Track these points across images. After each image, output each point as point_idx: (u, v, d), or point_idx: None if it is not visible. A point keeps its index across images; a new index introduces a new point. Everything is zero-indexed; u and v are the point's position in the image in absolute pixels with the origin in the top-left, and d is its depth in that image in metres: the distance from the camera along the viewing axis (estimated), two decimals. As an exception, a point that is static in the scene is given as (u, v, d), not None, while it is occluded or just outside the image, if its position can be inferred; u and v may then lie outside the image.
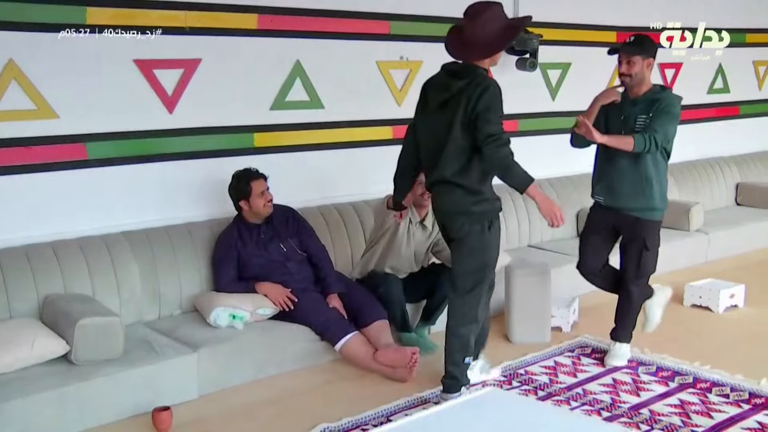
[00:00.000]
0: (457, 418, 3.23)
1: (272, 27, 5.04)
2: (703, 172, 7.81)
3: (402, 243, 4.74)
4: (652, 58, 4.22)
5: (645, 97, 4.22)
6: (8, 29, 4.12)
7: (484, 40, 3.65)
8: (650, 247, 4.32)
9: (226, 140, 4.98)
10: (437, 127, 3.73)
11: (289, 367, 4.36)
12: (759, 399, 3.93)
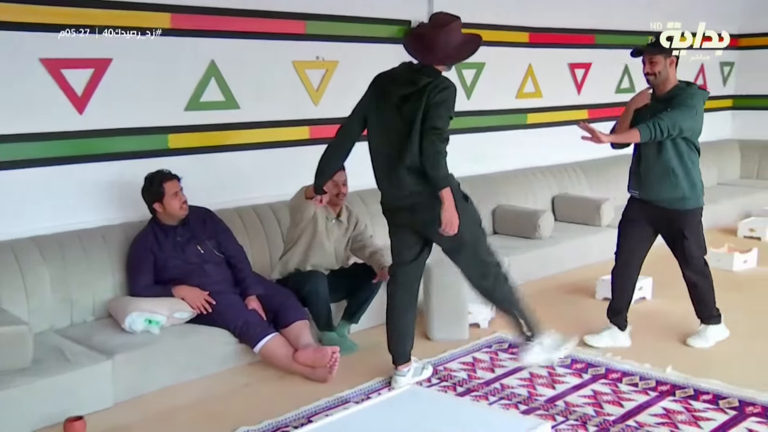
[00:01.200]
0: (378, 417, 3.25)
1: (186, 26, 4.96)
2: (613, 168, 8.03)
3: (323, 239, 4.75)
4: (674, 57, 4.45)
5: (669, 94, 4.42)
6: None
7: (446, 49, 3.88)
8: (689, 236, 4.54)
9: (139, 142, 4.88)
10: (396, 120, 3.87)
11: (208, 370, 4.30)
12: (665, 386, 4.09)
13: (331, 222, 4.82)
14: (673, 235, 4.61)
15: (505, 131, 7.25)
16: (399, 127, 3.86)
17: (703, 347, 4.69)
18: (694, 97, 4.41)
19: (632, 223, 4.72)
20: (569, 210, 7.13)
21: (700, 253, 4.66)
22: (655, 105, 4.47)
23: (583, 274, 6.27)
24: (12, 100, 4.34)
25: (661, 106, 4.41)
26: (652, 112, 4.40)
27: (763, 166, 9.68)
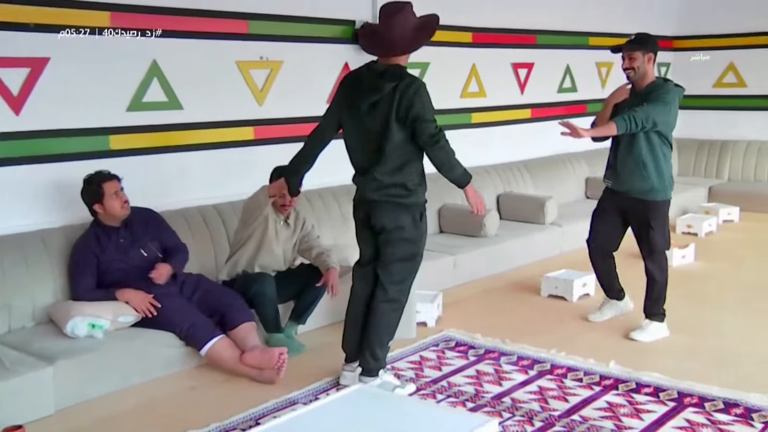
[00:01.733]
0: (326, 418, 3.25)
1: (126, 25, 4.87)
2: (555, 167, 8.19)
3: (273, 240, 4.73)
4: (652, 53, 4.70)
5: (647, 89, 4.66)
6: None
7: (403, 38, 3.83)
8: (655, 227, 4.75)
9: (79, 143, 4.78)
10: (370, 128, 3.87)
11: (154, 374, 4.24)
12: (608, 380, 4.17)
13: (280, 224, 4.80)
14: (640, 225, 4.82)
15: (450, 131, 7.20)
16: (371, 135, 3.88)
17: (643, 341, 4.81)
18: (670, 92, 4.64)
19: (605, 211, 5.01)
20: (514, 208, 7.21)
21: (663, 246, 4.85)
22: (634, 100, 4.68)
23: (528, 271, 6.36)
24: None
25: (639, 101, 4.62)
26: (630, 107, 4.61)
27: (698, 163, 9.97)
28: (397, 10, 3.80)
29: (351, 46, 6.27)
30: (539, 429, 3.62)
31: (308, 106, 6.06)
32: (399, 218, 3.94)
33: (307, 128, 5.97)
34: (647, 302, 4.92)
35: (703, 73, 9.99)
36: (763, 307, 5.47)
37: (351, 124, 3.98)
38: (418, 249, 4.07)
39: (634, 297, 5.21)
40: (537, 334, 4.93)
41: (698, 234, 7.72)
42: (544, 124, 8.40)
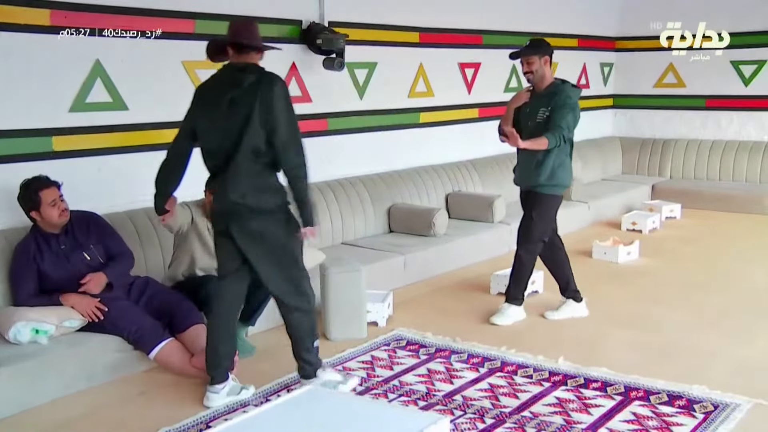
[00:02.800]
0: (277, 419, 3.23)
1: (67, 24, 4.77)
2: (504, 166, 8.25)
3: (209, 242, 4.69)
4: (548, 56, 4.96)
5: (547, 91, 4.94)
6: None
7: (257, 40, 3.91)
8: (535, 217, 5.08)
9: (20, 144, 4.66)
10: (230, 126, 3.72)
11: (101, 379, 4.17)
12: (557, 377, 4.24)
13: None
14: (525, 213, 5.16)
15: (398, 130, 7.33)
16: (231, 133, 3.71)
17: (503, 324, 5.09)
18: (572, 96, 4.92)
19: (523, 205, 5.24)
20: (463, 207, 7.27)
21: (539, 237, 5.13)
22: (535, 101, 4.96)
23: (477, 270, 6.41)
24: None
25: (540, 102, 4.92)
26: (533, 108, 4.94)
27: (642, 161, 10.19)
28: (247, 24, 4.00)
29: (298, 46, 6.25)
30: (490, 426, 3.66)
31: (256, 106, 6.02)
32: (266, 223, 3.81)
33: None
34: (510, 286, 5.21)
35: (644, 74, 10.22)
36: (704, 302, 5.61)
37: (207, 127, 3.83)
38: (296, 244, 3.94)
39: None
40: (487, 331, 4.98)
41: (642, 231, 7.88)
42: (492, 123, 8.44)
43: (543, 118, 4.88)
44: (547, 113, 4.88)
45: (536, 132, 4.84)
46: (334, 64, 6.23)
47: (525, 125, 4.95)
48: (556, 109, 4.84)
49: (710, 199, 8.96)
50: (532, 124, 4.92)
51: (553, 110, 4.84)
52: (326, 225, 6.17)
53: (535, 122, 4.91)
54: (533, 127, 4.89)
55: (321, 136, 6.52)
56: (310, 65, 6.33)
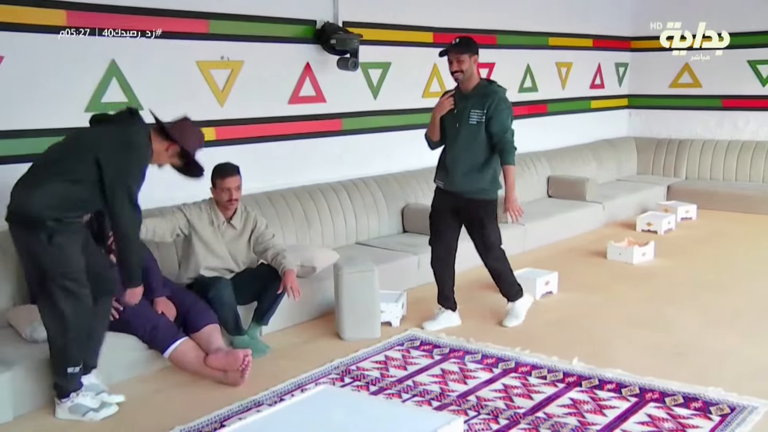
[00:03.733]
0: (292, 418, 3.24)
1: (83, 24, 4.79)
2: (518, 166, 8.18)
3: (213, 243, 4.71)
4: (477, 55, 4.78)
5: (476, 92, 4.78)
6: None
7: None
8: (488, 225, 4.92)
9: (37, 144, 4.68)
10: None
11: (117, 378, 4.18)
12: (571, 377, 4.21)
13: (223, 225, 4.76)
14: (473, 223, 4.96)
15: (412, 130, 7.30)
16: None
17: (518, 325, 5.03)
18: (505, 99, 4.83)
19: (441, 212, 5.03)
20: (476, 207, 7.24)
21: (498, 241, 5.02)
22: (462, 102, 4.81)
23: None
24: None
25: (470, 103, 4.77)
26: (462, 109, 4.78)
27: (657, 162, 10.12)
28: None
29: (312, 46, 6.25)
30: (504, 427, 3.65)
31: (269, 106, 6.04)
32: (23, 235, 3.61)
33: (269, 129, 6.03)
34: (504, 290, 5.14)
35: (659, 74, 10.16)
36: (719, 303, 5.57)
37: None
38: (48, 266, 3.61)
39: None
40: (501, 332, 4.97)
41: (658, 231, 7.83)
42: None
43: (477, 121, 4.73)
44: (483, 117, 4.72)
45: (469, 135, 4.74)
46: (348, 64, 6.23)
47: (452, 128, 4.81)
48: (496, 115, 4.70)
49: (726, 199, 8.89)
50: (464, 128, 4.77)
51: (493, 117, 4.70)
52: (340, 225, 6.18)
53: (468, 125, 4.76)
54: (466, 131, 4.76)
55: (335, 136, 6.53)
56: (324, 65, 6.33)
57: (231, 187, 4.67)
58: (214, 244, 4.73)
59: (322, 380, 4.21)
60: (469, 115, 4.76)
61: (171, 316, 4.39)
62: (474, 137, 4.77)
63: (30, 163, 3.95)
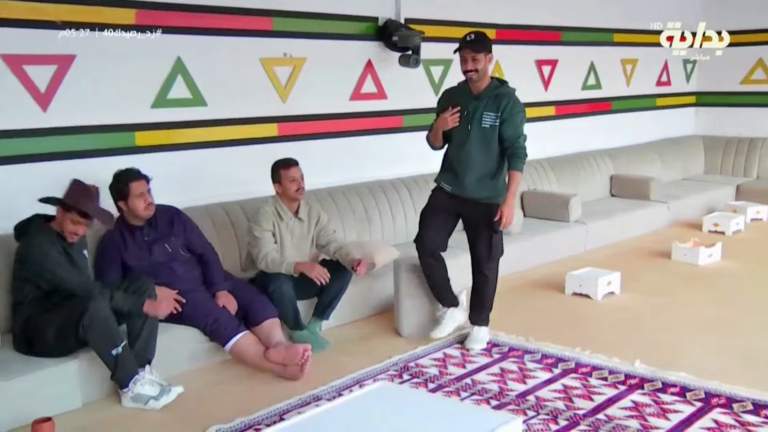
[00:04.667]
0: (350, 414, 3.25)
1: (151, 22, 4.90)
2: (580, 165, 8.13)
3: (285, 239, 4.74)
4: (491, 54, 4.46)
5: (488, 93, 4.45)
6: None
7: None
8: (497, 230, 4.51)
9: (105, 139, 4.82)
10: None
11: (179, 369, 4.26)
12: (633, 380, 4.13)
13: (291, 221, 4.80)
14: (481, 228, 4.56)
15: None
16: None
17: (480, 348, 4.62)
18: (519, 100, 4.49)
19: (441, 212, 4.66)
20: (538, 206, 7.17)
21: (501, 252, 4.68)
22: (473, 102, 4.46)
23: (552, 269, 6.32)
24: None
25: (480, 104, 4.44)
26: (473, 110, 4.44)
27: (726, 161, 9.84)
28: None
29: (374, 43, 6.27)
30: (564, 428, 3.60)
31: (331, 102, 6.08)
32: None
33: (330, 125, 6.07)
34: (480, 308, 4.70)
35: (730, 70, 9.87)
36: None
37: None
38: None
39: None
40: (561, 332, 4.90)
41: (725, 232, 7.62)
42: (569, 121, 8.35)
43: (491, 124, 4.41)
44: (497, 120, 4.40)
45: (482, 139, 4.42)
46: (409, 61, 6.23)
47: (462, 130, 4.45)
48: (510, 119, 4.39)
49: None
50: (476, 131, 4.44)
51: (507, 121, 4.38)
52: (400, 222, 6.18)
53: (480, 128, 4.43)
54: (478, 135, 4.43)
55: (396, 133, 6.53)
56: (385, 62, 6.34)
57: (297, 176, 4.72)
58: (283, 241, 4.78)
59: (381, 376, 4.22)
60: (482, 117, 4.42)
61: (232, 310, 4.45)
62: (487, 141, 4.43)
63: (96, 159, 4.07)
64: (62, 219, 3.96)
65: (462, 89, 4.57)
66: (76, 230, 3.98)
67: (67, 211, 3.94)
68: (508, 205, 4.37)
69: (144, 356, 4.01)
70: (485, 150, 4.46)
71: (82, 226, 3.99)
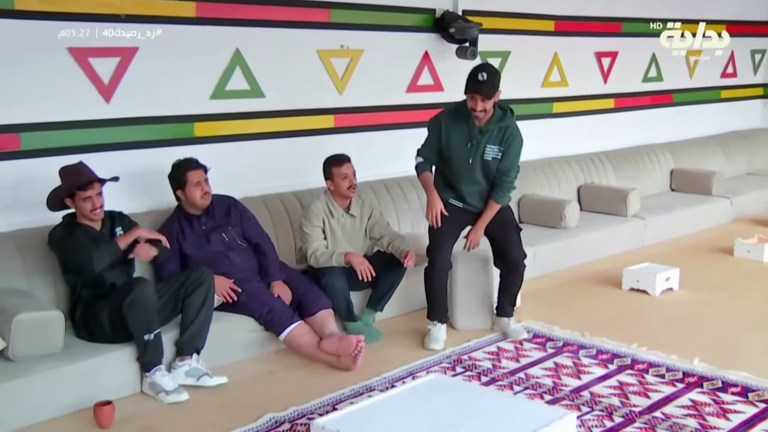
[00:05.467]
0: (403, 405, 3.26)
1: (210, 15, 4.96)
2: (639, 158, 7.98)
3: (337, 234, 4.77)
4: (500, 91, 4.44)
5: (492, 125, 4.48)
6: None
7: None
8: (520, 229, 4.76)
9: (165, 130, 4.90)
10: None
11: (233, 357, 4.32)
12: (692, 378, 4.05)
13: (342, 217, 4.82)
14: (506, 226, 4.68)
15: (530, 120, 7.18)
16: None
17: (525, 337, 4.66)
18: (519, 131, 4.55)
19: (452, 225, 4.68)
20: (595, 199, 7.07)
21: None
22: (477, 135, 4.49)
23: (608, 264, 6.23)
24: (41, 89, 4.37)
25: (484, 138, 4.48)
26: (474, 142, 4.48)
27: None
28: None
29: (431, 34, 6.25)
30: (619, 425, 3.55)
31: (388, 94, 6.08)
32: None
33: (386, 117, 6.07)
34: (513, 301, 4.78)
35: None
36: None
37: None
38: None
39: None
40: (617, 327, 4.83)
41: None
42: (629, 114, 8.20)
43: (493, 157, 4.50)
44: (499, 153, 4.49)
45: (484, 171, 4.52)
46: (467, 53, 6.19)
47: (464, 159, 4.51)
48: (507, 152, 4.48)
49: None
50: (478, 162, 4.51)
51: (506, 153, 4.48)
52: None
53: (483, 160, 4.51)
54: (480, 166, 4.52)
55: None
56: (442, 54, 6.31)
57: (349, 173, 4.74)
58: (334, 236, 4.81)
59: (434, 369, 4.22)
60: (485, 150, 4.50)
61: (287, 300, 4.50)
62: (489, 171, 4.55)
63: (156, 149, 4.13)
64: (77, 206, 4.04)
65: (463, 116, 4.52)
66: (93, 205, 4.04)
67: (73, 196, 4.02)
68: (475, 231, 4.60)
69: (194, 344, 4.07)
70: (485, 179, 4.59)
71: (92, 198, 4.03)
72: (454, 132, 4.55)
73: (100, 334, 3.96)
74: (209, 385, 3.98)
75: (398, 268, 4.80)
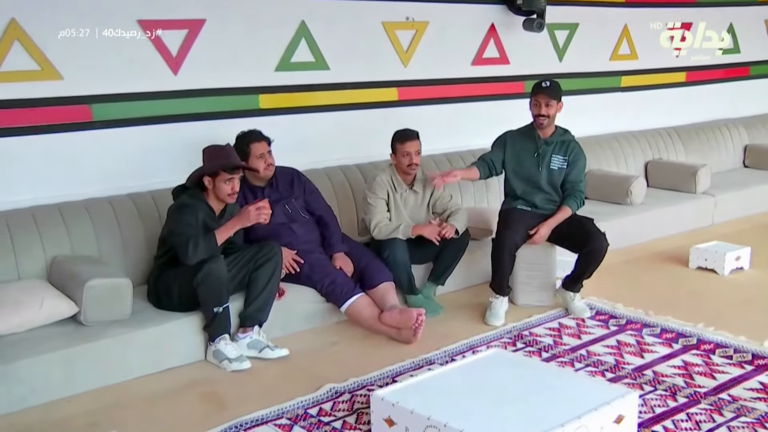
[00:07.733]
0: (462, 379, 3.26)
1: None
2: (711, 134, 7.76)
3: (400, 208, 4.78)
4: (562, 103, 4.71)
5: (555, 138, 4.74)
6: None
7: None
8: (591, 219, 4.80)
9: (231, 102, 4.96)
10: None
11: (295, 328, 4.39)
12: (762, 360, 3.95)
13: (405, 192, 4.82)
14: (579, 220, 4.75)
15: (597, 94, 7.07)
16: None
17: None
18: (581, 149, 4.81)
19: (521, 221, 4.70)
20: (663, 176, 6.92)
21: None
22: (542, 146, 4.73)
23: (676, 242, 6.10)
24: (111, 61, 4.47)
25: (549, 148, 4.72)
26: (540, 152, 4.71)
27: None
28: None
29: (498, 6, 6.16)
30: (683, 405, 3.49)
31: (453, 67, 6.03)
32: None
33: (452, 90, 6.02)
34: (582, 280, 4.73)
35: None
36: None
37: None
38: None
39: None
40: (683, 307, 4.73)
41: None
42: (701, 88, 7.96)
43: (559, 167, 4.73)
44: (565, 164, 4.72)
45: (552, 180, 4.73)
46: (533, 26, 6.09)
47: (534, 170, 4.73)
48: (575, 164, 4.74)
49: None
50: (545, 171, 4.72)
51: (572, 165, 4.73)
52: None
53: (549, 169, 4.73)
54: (549, 176, 4.73)
55: (517, 99, 6.39)
56: (509, 26, 6.23)
57: (411, 152, 4.71)
58: (398, 210, 4.81)
59: (494, 343, 4.21)
60: (551, 160, 4.72)
61: (348, 272, 4.53)
62: (555, 182, 4.75)
63: (222, 120, 4.19)
64: (216, 186, 4.05)
65: (528, 134, 4.78)
66: (233, 188, 4.09)
67: (216, 176, 4.04)
68: (543, 226, 4.65)
69: (257, 317, 4.13)
70: (554, 187, 4.77)
71: (234, 181, 4.09)
72: (520, 146, 4.78)
73: (167, 302, 4.06)
74: (271, 357, 4.05)
75: (461, 242, 4.78)
